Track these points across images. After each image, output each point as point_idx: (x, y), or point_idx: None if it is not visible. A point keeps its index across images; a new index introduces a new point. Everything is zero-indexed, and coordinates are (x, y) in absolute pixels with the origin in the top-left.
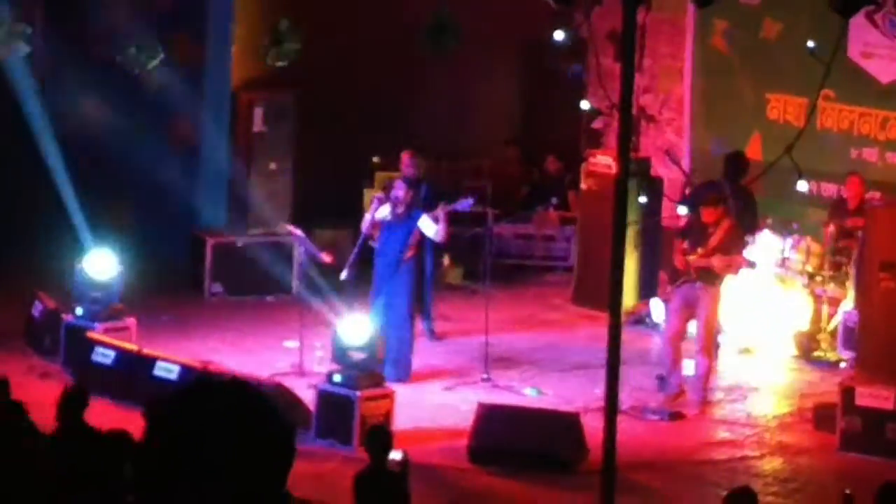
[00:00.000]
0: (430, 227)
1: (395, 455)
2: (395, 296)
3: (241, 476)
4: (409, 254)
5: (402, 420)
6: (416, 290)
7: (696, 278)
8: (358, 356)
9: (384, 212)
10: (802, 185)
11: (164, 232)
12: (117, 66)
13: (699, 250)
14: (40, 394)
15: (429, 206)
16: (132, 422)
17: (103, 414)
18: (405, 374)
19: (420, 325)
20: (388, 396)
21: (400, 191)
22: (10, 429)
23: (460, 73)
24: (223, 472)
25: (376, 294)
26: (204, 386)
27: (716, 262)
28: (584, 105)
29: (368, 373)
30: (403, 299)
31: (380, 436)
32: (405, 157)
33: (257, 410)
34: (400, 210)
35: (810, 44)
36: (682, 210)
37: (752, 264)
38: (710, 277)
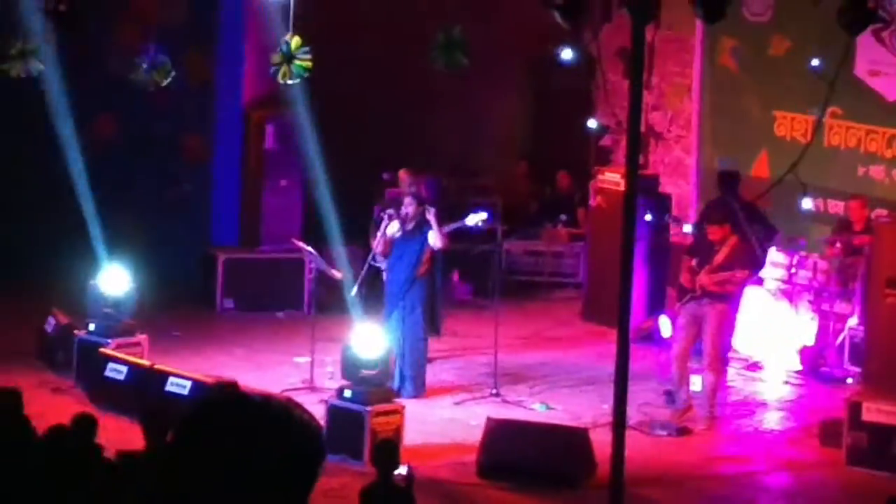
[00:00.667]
0: (431, 236)
1: (401, 470)
2: (410, 312)
3: (266, 491)
4: (423, 269)
5: (412, 435)
6: (429, 305)
7: (702, 295)
8: (369, 372)
9: (394, 228)
10: (807, 203)
11: (176, 248)
12: (130, 83)
13: (706, 268)
14: (52, 408)
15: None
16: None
17: (115, 430)
18: (421, 390)
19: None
20: (398, 412)
21: (410, 207)
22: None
23: (470, 91)
24: (248, 487)
25: (389, 311)
26: (235, 400)
27: (717, 279)
28: (592, 124)
29: (379, 388)
30: (418, 316)
31: (386, 450)
32: (403, 175)
33: (288, 426)
34: (410, 226)
35: (814, 62)
36: (688, 228)
37: (757, 279)
38: (717, 294)
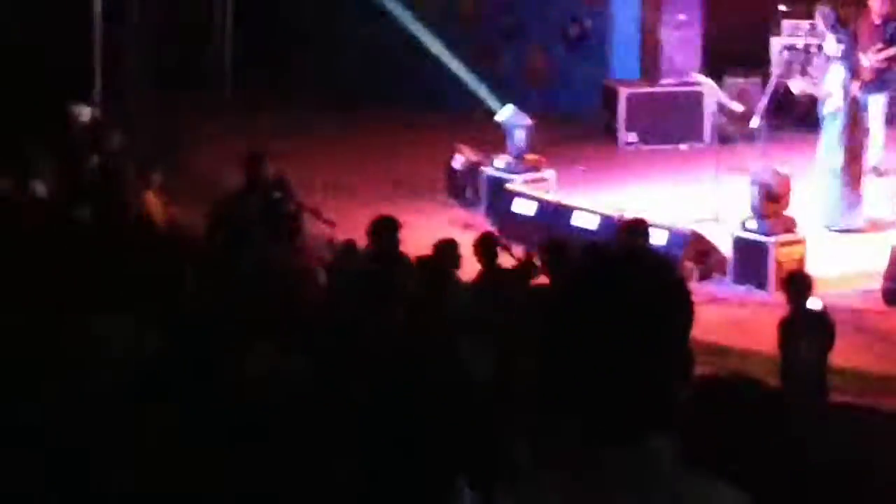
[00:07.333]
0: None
1: (815, 303)
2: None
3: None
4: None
5: (815, 265)
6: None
7: None
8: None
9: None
10: None
11: (577, 82)
12: None
13: None
14: (463, 244)
15: None
16: None
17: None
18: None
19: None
20: (802, 242)
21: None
22: None
23: None
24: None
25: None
26: (627, 256)
27: None
28: None
29: (783, 219)
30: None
31: (799, 280)
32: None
33: (669, 282)
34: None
35: None
36: None
37: None
38: None
